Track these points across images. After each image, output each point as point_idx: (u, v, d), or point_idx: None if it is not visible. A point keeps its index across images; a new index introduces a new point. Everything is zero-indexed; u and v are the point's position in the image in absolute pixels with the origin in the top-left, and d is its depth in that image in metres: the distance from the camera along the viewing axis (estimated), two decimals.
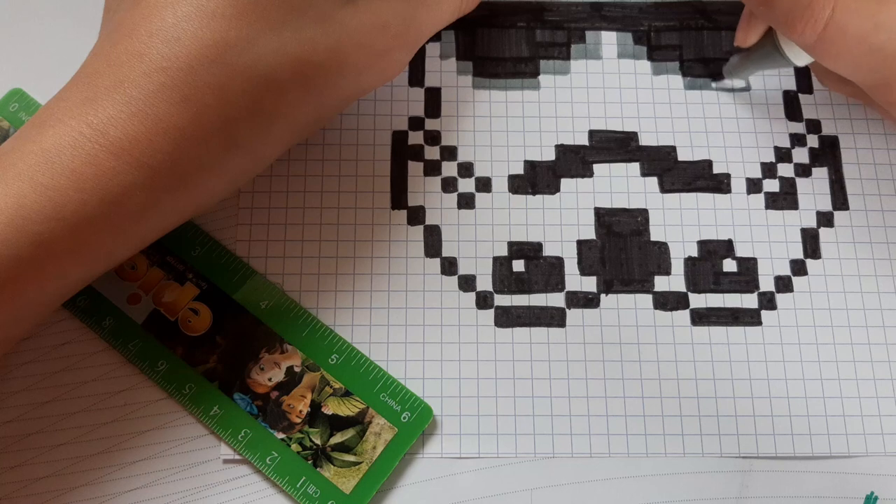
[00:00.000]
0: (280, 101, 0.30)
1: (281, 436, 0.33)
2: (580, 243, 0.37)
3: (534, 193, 0.37)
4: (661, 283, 0.36)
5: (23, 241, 0.27)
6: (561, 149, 0.38)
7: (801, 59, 0.35)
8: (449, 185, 0.37)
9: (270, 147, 0.32)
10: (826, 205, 0.37)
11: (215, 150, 0.29)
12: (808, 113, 0.39)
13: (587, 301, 0.36)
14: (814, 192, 0.38)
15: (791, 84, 0.39)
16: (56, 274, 0.28)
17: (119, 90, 0.28)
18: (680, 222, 0.37)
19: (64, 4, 0.39)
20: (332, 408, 0.33)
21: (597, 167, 0.38)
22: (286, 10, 0.29)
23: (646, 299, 0.36)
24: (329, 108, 0.33)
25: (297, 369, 0.34)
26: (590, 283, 0.36)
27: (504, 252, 0.36)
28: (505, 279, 0.36)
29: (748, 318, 0.36)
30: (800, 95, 0.39)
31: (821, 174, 0.38)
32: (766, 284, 0.36)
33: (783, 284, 0.36)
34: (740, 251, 0.37)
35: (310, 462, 0.33)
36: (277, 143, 0.32)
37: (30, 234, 0.27)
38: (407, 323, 0.35)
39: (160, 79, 0.28)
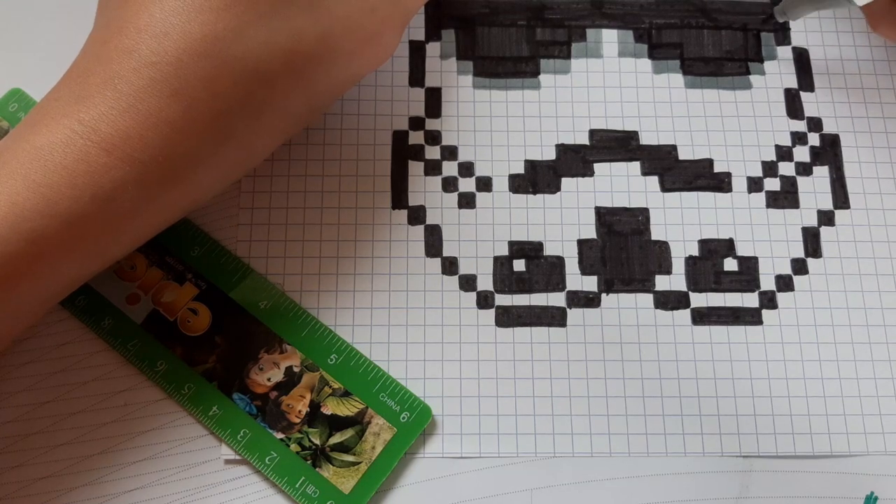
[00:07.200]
0: (271, 91, 0.30)
1: (280, 436, 0.33)
2: (581, 243, 0.36)
3: (534, 193, 0.37)
4: (661, 283, 0.36)
5: (16, 238, 0.27)
6: (561, 148, 0.38)
7: None
8: (449, 184, 0.37)
9: (264, 139, 0.32)
10: (827, 203, 0.37)
11: (207, 144, 0.29)
12: (809, 111, 0.39)
13: (588, 300, 0.36)
14: (815, 190, 0.37)
15: (792, 82, 0.39)
16: (50, 271, 0.28)
17: (109, 87, 0.28)
18: (681, 221, 0.37)
19: (64, 4, 0.39)
20: (331, 408, 0.33)
21: (597, 166, 0.38)
22: (274, 0, 0.29)
23: (646, 299, 0.36)
24: (322, 97, 0.33)
25: (296, 369, 0.34)
26: (590, 283, 0.36)
27: (505, 252, 0.36)
28: (506, 279, 0.36)
29: (749, 317, 0.36)
30: (801, 93, 0.39)
31: (822, 173, 0.38)
32: (767, 283, 0.36)
33: (784, 283, 0.36)
34: (741, 250, 0.37)
35: (309, 462, 0.33)
36: (271, 135, 0.32)
37: (23, 231, 0.27)
38: (408, 323, 0.35)
39: (150, 74, 0.28)
